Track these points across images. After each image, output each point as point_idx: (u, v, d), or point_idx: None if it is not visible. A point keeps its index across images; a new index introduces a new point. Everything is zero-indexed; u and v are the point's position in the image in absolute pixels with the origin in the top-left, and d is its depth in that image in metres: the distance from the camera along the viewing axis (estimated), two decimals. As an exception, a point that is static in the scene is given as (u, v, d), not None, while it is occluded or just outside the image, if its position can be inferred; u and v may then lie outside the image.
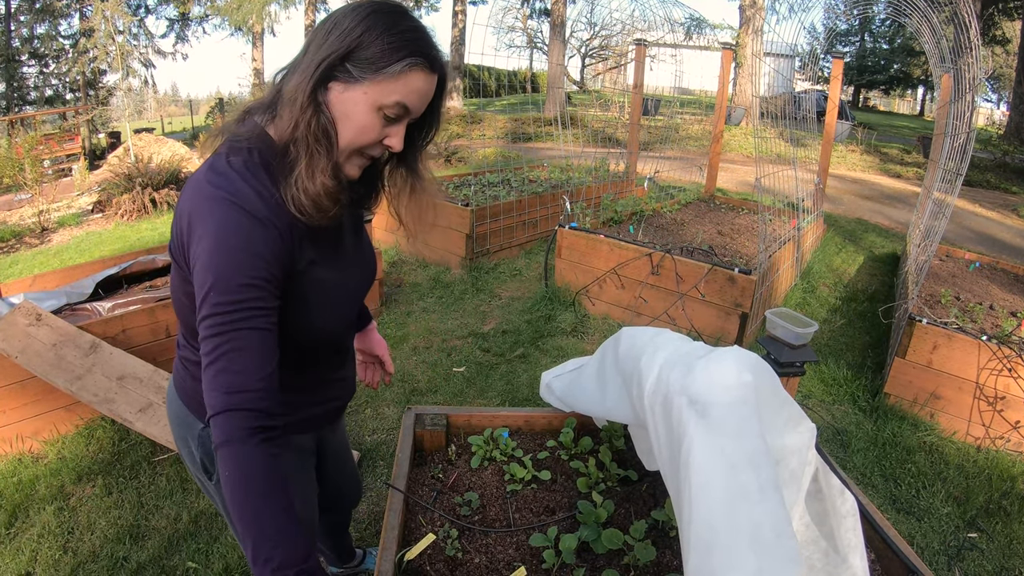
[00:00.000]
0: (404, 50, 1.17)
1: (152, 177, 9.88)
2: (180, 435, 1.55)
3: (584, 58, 37.86)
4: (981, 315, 4.46)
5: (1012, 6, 22.77)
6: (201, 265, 1.15)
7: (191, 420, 1.49)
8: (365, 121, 1.21)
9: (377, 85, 1.18)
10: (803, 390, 4.32)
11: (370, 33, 1.15)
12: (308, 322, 1.36)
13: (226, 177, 1.19)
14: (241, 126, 1.28)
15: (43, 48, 23.80)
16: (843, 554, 1.54)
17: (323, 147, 1.20)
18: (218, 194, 1.16)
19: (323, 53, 1.16)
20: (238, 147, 1.23)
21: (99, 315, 3.91)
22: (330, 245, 1.38)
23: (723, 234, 6.42)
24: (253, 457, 1.13)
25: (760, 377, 1.34)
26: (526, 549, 1.78)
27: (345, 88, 1.18)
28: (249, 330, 1.15)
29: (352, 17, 1.17)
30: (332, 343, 1.55)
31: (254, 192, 1.18)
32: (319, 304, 1.36)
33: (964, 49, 5.88)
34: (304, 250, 1.28)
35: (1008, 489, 3.41)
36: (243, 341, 1.15)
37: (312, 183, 1.19)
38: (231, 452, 1.12)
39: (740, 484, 1.18)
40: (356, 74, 1.17)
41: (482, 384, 4.22)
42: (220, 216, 1.15)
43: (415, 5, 32.00)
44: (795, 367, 2.25)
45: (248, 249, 1.15)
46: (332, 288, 1.39)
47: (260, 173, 1.22)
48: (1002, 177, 15.79)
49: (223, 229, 1.14)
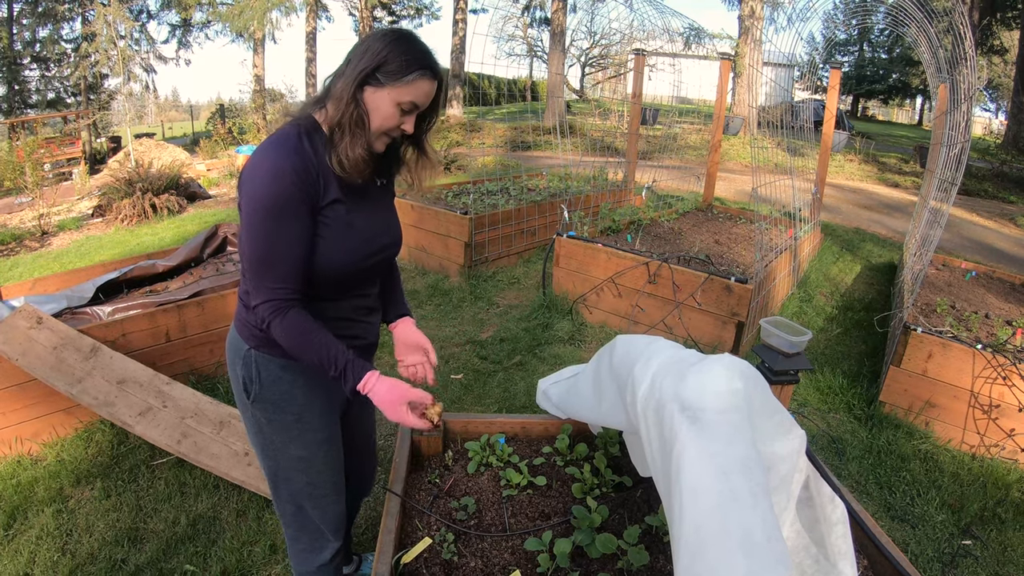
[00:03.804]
0: (415, 65, 1.63)
1: (152, 182, 9.90)
2: (231, 359, 1.89)
3: (584, 67, 37.92)
4: (977, 324, 4.48)
5: (1010, 16, 22.83)
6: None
7: (239, 343, 1.85)
8: (388, 113, 1.66)
9: (396, 89, 1.64)
10: (799, 398, 4.33)
11: (392, 53, 1.61)
12: (329, 250, 1.72)
13: (279, 138, 1.65)
14: (299, 111, 1.74)
15: (45, 52, 23.85)
16: (833, 560, 1.56)
17: (360, 129, 1.66)
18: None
19: (361, 66, 1.62)
20: (294, 123, 1.70)
21: (99, 319, 3.93)
22: (356, 194, 1.77)
23: (720, 243, 6.45)
24: (294, 315, 1.67)
25: (751, 384, 1.36)
26: (521, 553, 1.80)
27: (375, 90, 1.64)
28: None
29: (381, 41, 1.62)
30: (353, 277, 1.85)
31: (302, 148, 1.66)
32: (339, 236, 1.73)
33: (960, 60, 5.92)
34: (329, 192, 1.69)
35: (1003, 497, 3.42)
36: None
37: (352, 151, 1.64)
38: (278, 323, 1.65)
39: (731, 488, 1.20)
40: (383, 81, 1.63)
41: (479, 391, 4.23)
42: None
43: (416, 14, 32.11)
44: (789, 375, 2.27)
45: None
46: (352, 226, 1.76)
47: (305, 139, 1.67)
48: (1000, 186, 15.81)
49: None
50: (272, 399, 1.84)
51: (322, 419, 1.93)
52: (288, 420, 1.86)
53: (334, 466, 2.01)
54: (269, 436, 1.89)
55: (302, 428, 1.89)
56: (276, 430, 1.87)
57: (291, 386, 1.85)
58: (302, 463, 1.93)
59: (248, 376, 1.83)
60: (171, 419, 3.22)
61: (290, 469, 1.93)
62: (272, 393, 1.84)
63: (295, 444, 1.90)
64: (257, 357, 1.82)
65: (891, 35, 35.76)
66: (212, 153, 16.18)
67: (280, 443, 1.89)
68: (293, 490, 1.97)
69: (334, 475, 2.02)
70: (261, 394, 1.84)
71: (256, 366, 1.82)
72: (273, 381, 1.83)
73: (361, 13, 26.10)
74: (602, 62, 36.01)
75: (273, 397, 1.84)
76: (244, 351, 1.83)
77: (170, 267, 4.97)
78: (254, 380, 1.83)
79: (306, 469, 1.94)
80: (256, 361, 1.82)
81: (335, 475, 2.02)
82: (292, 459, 1.92)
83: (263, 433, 1.89)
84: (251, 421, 1.91)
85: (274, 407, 1.85)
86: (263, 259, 1.63)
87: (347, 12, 29.98)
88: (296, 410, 1.87)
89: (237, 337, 1.87)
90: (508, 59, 36.05)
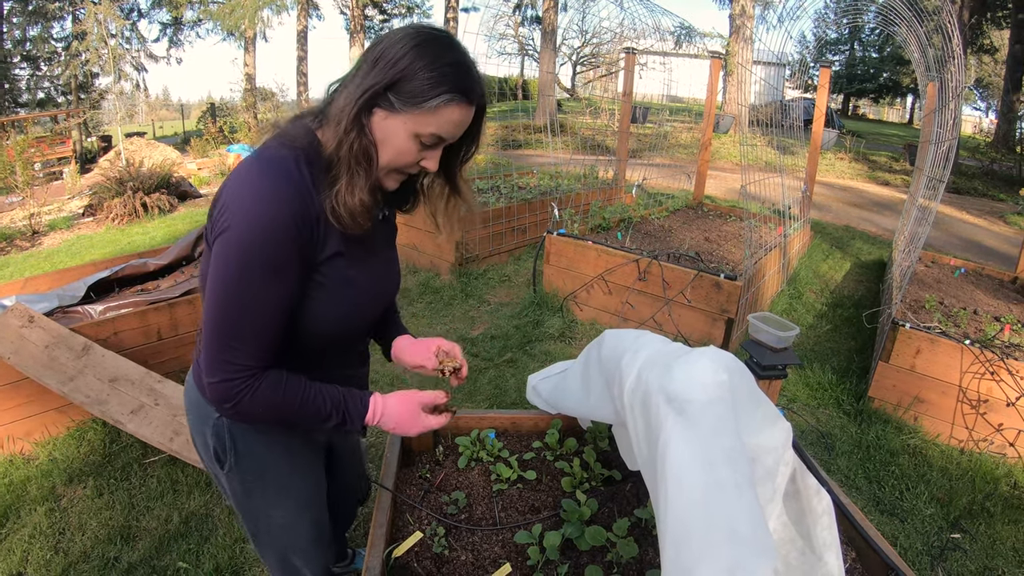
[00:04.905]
0: (443, 86, 1.25)
1: (143, 181, 9.88)
2: (196, 423, 1.59)
3: (575, 66, 37.94)
4: (965, 320, 4.51)
5: (1000, 15, 22.91)
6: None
7: (208, 409, 1.52)
8: (403, 147, 1.31)
9: (415, 117, 1.27)
10: (788, 394, 4.36)
11: (413, 66, 1.23)
12: (323, 312, 1.42)
13: (272, 164, 1.28)
14: (292, 126, 1.36)
15: (35, 51, 23.71)
16: (819, 552, 1.57)
17: (363, 167, 1.30)
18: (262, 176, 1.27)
19: (369, 82, 1.25)
20: (289, 144, 1.31)
21: (91, 318, 3.93)
22: (357, 240, 1.42)
23: (710, 241, 6.48)
24: (267, 387, 1.35)
25: (736, 376, 1.38)
26: (511, 546, 1.81)
27: (387, 116, 1.28)
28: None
29: (399, 47, 1.25)
30: (345, 338, 1.59)
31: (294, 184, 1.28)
32: (336, 296, 1.43)
33: (948, 58, 5.95)
34: (329, 244, 1.35)
35: (991, 491, 3.45)
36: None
37: (351, 198, 1.29)
38: (248, 400, 1.34)
39: (716, 479, 1.21)
40: (397, 105, 1.26)
41: (470, 388, 4.25)
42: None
43: (408, 12, 32.07)
44: (777, 370, 2.29)
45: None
46: (351, 283, 1.45)
47: (305, 169, 1.30)
48: (990, 184, 15.92)
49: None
50: (251, 469, 1.60)
51: (305, 479, 1.73)
52: (269, 491, 1.65)
53: (319, 520, 1.83)
54: (246, 503, 1.67)
55: (286, 495, 1.68)
56: (255, 497, 1.65)
57: (273, 453, 1.61)
58: (285, 527, 1.73)
59: (220, 447, 1.55)
60: (163, 417, 3.23)
61: (272, 528, 1.73)
62: (250, 463, 1.59)
63: (278, 511, 1.69)
64: (231, 427, 1.53)
65: (882, 34, 35.87)
66: (203, 152, 16.13)
67: (261, 507, 1.68)
68: (277, 546, 1.78)
69: (320, 530, 1.84)
70: (238, 466, 1.58)
71: (230, 437, 1.54)
72: (251, 452, 1.57)
73: (352, 11, 26.07)
74: (593, 61, 36.03)
75: (252, 467, 1.59)
76: (214, 419, 1.53)
77: (161, 266, 4.97)
78: (228, 451, 1.55)
79: (290, 528, 1.74)
80: (230, 431, 1.53)
81: (320, 530, 1.84)
82: (275, 524, 1.72)
83: (239, 498, 1.66)
84: (226, 487, 1.66)
85: (254, 477, 1.61)
86: (235, 327, 1.29)
87: (338, 11, 29.90)
88: (279, 479, 1.65)
89: (201, 400, 1.53)
90: (499, 58, 36.07)
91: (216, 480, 1.69)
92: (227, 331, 1.29)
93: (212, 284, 1.27)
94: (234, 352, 1.30)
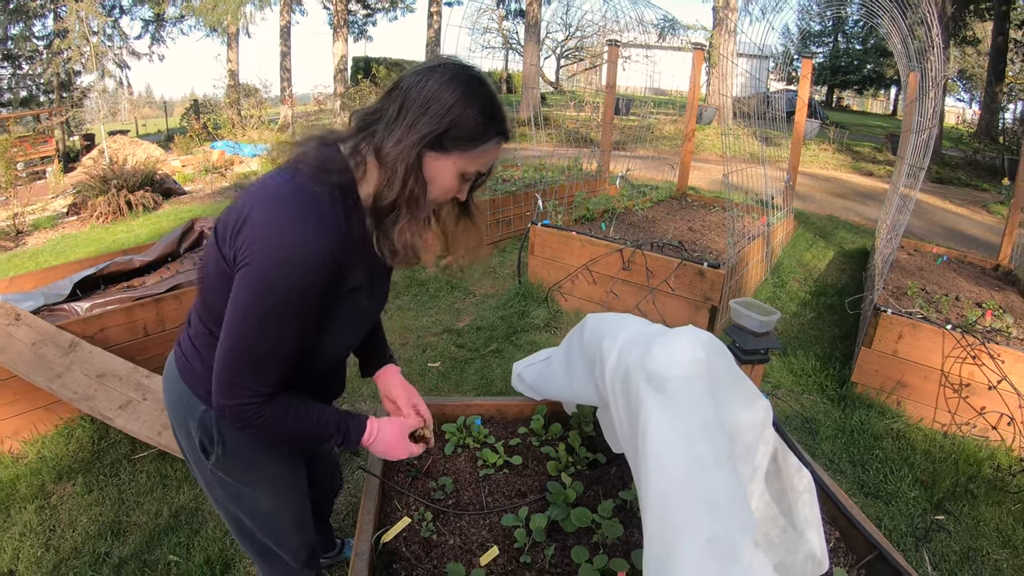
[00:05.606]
0: (492, 130, 1.36)
1: (127, 179, 9.82)
2: (179, 416, 1.61)
3: (559, 59, 37.92)
4: (947, 306, 4.57)
5: (983, 7, 23.03)
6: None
7: (194, 401, 1.56)
8: (449, 185, 1.39)
9: (464, 158, 1.36)
10: (772, 380, 4.41)
11: (466, 113, 1.30)
12: (332, 341, 1.50)
13: (305, 201, 1.30)
14: (321, 152, 1.37)
15: (17, 49, 23.54)
16: (800, 529, 1.61)
17: (419, 207, 1.37)
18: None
19: (424, 129, 1.29)
20: (324, 179, 1.33)
21: (77, 315, 3.92)
22: (374, 275, 1.52)
23: (694, 230, 6.51)
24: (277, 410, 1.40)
25: (714, 355, 1.41)
26: (498, 530, 1.84)
27: (438, 157, 1.34)
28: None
29: (449, 93, 1.29)
30: (342, 359, 1.70)
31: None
32: (347, 326, 1.52)
33: (928, 48, 6.01)
34: (351, 278, 1.41)
35: (974, 473, 3.50)
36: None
37: (411, 235, 1.38)
38: (263, 421, 1.39)
39: (695, 454, 1.24)
40: (449, 147, 1.33)
41: (457, 378, 4.27)
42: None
43: (391, 6, 31.97)
44: (760, 354, 2.32)
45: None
46: (364, 313, 1.57)
47: (340, 208, 1.34)
48: (972, 174, 16.08)
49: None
50: (237, 458, 1.62)
51: (288, 466, 1.76)
52: (256, 479, 1.68)
53: (301, 507, 1.86)
54: (231, 492, 1.69)
55: (271, 483, 1.72)
56: (241, 485, 1.68)
57: (257, 442, 1.63)
58: (269, 515, 1.77)
59: (207, 438, 1.58)
60: (151, 412, 3.23)
61: (256, 517, 1.75)
62: (236, 453, 1.61)
63: (264, 499, 1.72)
64: (219, 420, 1.55)
65: (865, 26, 36.01)
66: (187, 149, 16.06)
67: (246, 496, 1.70)
68: (260, 535, 1.80)
69: (302, 518, 1.88)
70: (225, 458, 1.60)
71: (218, 430, 1.56)
72: (236, 442, 1.60)
73: (335, 6, 25.95)
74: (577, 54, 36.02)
75: (238, 456, 1.62)
76: (200, 411, 1.55)
77: (147, 262, 4.96)
78: (215, 442, 1.58)
79: (273, 516, 1.78)
80: (217, 425, 1.56)
81: (303, 517, 1.88)
82: (259, 512, 1.75)
83: (224, 488, 1.69)
84: (209, 478, 1.68)
85: (241, 466, 1.64)
86: (252, 357, 1.33)
87: (321, 5, 29.79)
88: (264, 468, 1.68)
89: (188, 392, 1.57)
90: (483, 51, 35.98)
91: (196, 472, 1.70)
92: (244, 359, 1.33)
93: (233, 312, 1.30)
94: (248, 378, 1.34)
